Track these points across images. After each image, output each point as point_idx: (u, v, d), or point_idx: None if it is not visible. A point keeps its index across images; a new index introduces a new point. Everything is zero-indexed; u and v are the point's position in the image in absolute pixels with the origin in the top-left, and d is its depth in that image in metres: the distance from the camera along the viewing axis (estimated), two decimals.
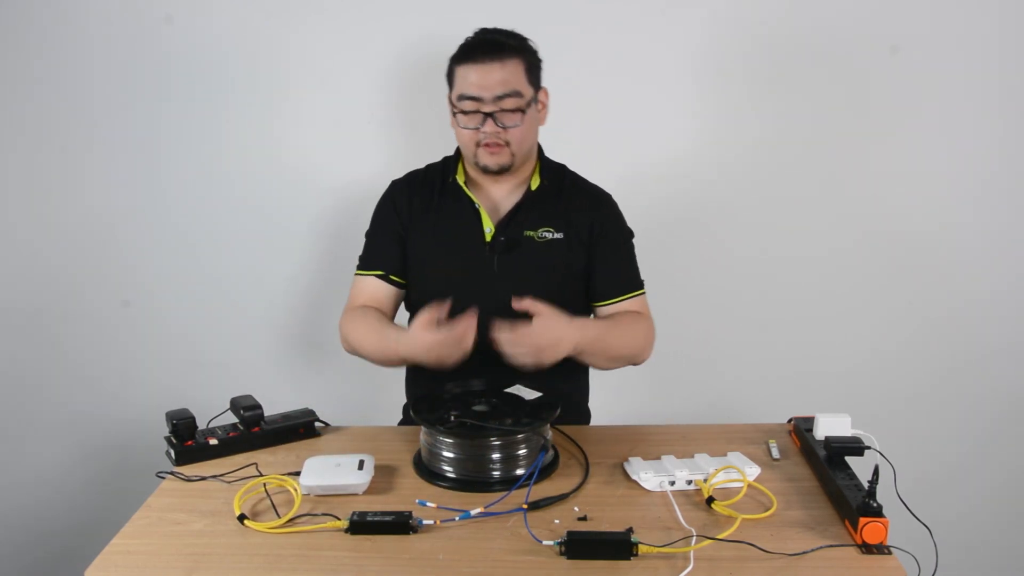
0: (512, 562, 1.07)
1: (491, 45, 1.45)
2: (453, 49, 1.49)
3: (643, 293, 1.58)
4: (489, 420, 1.29)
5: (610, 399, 2.02)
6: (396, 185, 1.62)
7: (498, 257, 1.52)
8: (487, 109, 1.44)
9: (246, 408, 1.44)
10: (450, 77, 1.51)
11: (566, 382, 1.58)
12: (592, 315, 1.59)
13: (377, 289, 1.56)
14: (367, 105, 1.93)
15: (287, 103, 1.94)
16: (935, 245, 1.98)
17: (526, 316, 1.33)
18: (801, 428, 1.39)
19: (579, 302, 1.57)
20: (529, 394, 1.40)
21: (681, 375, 2.06)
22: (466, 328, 1.29)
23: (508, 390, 1.42)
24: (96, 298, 2.05)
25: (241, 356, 2.07)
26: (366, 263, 1.59)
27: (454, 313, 1.36)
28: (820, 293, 2.02)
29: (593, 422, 1.66)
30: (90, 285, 2.04)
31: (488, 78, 1.43)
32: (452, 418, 1.29)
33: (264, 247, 2.02)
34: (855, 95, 1.89)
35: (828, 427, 1.33)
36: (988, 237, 1.97)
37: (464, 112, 1.46)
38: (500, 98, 1.43)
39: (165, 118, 1.94)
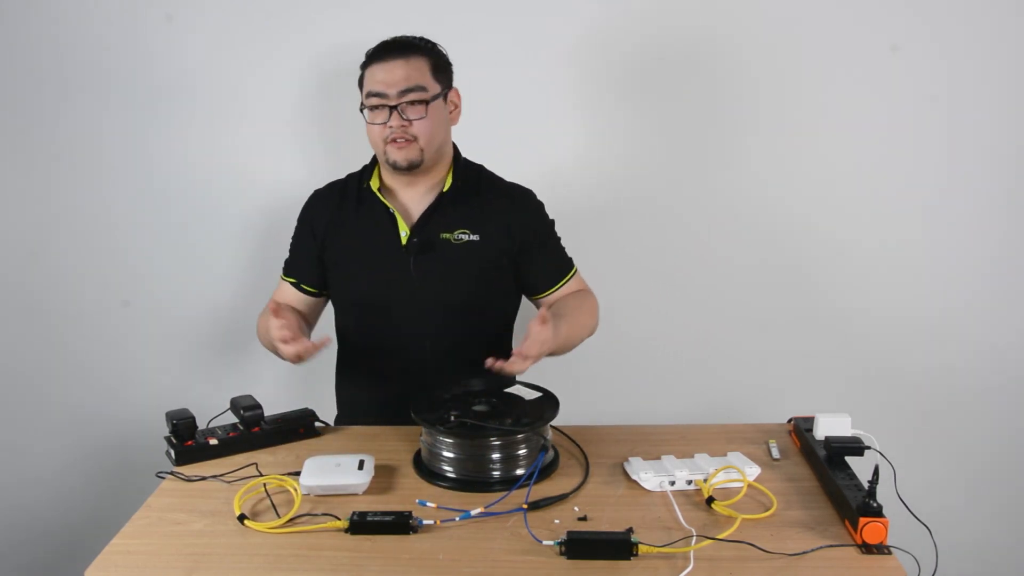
0: (512, 562, 1.07)
1: (396, 44, 1.50)
2: None
3: (576, 270, 1.64)
4: (489, 420, 1.29)
5: (610, 399, 2.02)
6: (315, 196, 1.66)
7: (414, 259, 1.53)
8: (392, 103, 1.46)
9: (246, 408, 1.44)
10: (361, 81, 1.53)
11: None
12: (536, 305, 1.62)
13: (291, 295, 1.65)
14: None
15: (283, 103, 1.94)
16: (935, 244, 1.98)
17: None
18: (801, 428, 1.39)
19: (499, 300, 1.62)
20: (529, 394, 1.40)
21: (681, 375, 2.06)
22: (313, 345, 1.37)
23: (508, 390, 1.42)
24: (96, 298, 2.05)
25: (241, 356, 2.07)
26: (286, 268, 1.67)
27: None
28: (820, 293, 2.02)
29: (593, 422, 1.65)
30: (90, 285, 2.04)
31: (392, 75, 1.46)
32: (452, 418, 1.29)
33: (264, 247, 2.02)
34: (853, 91, 1.89)
35: (828, 427, 1.33)
36: (989, 236, 1.97)
37: (372, 108, 1.48)
38: (404, 92, 1.46)
39: (165, 117, 1.94)
